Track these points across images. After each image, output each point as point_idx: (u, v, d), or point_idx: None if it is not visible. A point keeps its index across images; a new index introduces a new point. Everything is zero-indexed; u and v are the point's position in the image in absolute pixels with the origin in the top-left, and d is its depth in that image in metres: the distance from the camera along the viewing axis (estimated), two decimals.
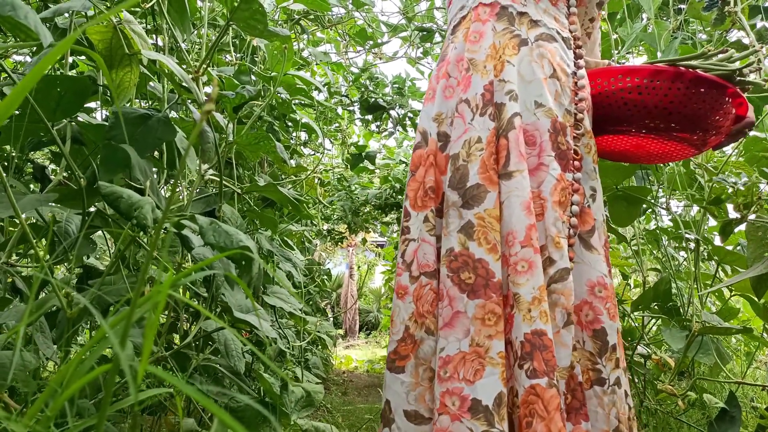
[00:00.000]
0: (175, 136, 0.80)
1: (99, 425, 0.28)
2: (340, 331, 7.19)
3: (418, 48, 2.77)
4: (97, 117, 1.02)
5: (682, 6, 1.64)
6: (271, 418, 0.23)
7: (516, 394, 0.75)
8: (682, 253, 1.77)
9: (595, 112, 0.96)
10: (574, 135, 0.88)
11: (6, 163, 0.92)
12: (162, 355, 0.89)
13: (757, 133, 1.44)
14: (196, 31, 1.18)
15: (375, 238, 7.25)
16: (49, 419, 0.30)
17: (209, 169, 0.96)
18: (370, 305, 8.99)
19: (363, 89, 2.86)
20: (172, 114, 1.19)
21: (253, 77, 1.27)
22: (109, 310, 0.79)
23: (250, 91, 0.99)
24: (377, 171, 3.61)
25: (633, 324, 1.66)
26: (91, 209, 0.81)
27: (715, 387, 1.95)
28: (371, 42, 2.66)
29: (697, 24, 1.63)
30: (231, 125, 1.02)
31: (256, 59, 1.48)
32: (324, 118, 2.51)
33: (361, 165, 3.02)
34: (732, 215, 1.28)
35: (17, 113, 0.70)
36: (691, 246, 1.52)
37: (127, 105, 0.90)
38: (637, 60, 1.98)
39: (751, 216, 1.16)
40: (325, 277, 3.29)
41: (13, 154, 0.86)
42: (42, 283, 0.85)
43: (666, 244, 1.66)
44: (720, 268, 1.47)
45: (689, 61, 0.90)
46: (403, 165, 3.42)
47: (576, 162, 0.87)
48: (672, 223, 1.66)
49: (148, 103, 1.12)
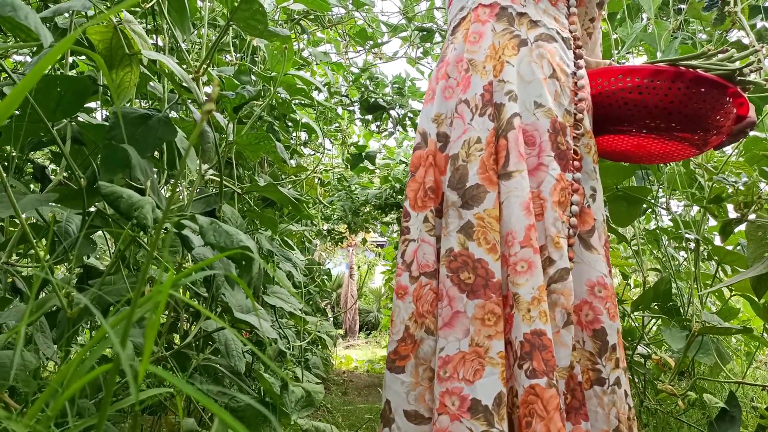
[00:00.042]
0: (175, 136, 0.80)
1: (99, 425, 0.28)
2: (340, 331, 7.18)
3: (418, 48, 2.78)
4: (98, 117, 1.02)
5: (682, 6, 1.64)
6: (271, 418, 0.24)
7: (516, 394, 0.75)
8: (682, 253, 1.77)
9: (595, 112, 0.95)
10: (574, 135, 0.88)
11: (6, 163, 0.92)
12: (162, 355, 0.89)
13: (757, 133, 1.44)
14: (196, 31, 1.18)
15: (375, 238, 7.25)
16: (49, 419, 0.30)
17: (209, 169, 0.96)
18: (370, 305, 8.98)
19: (363, 89, 2.86)
20: (173, 114, 1.19)
21: (253, 77, 1.27)
22: (110, 310, 0.79)
23: (250, 91, 0.99)
24: (377, 171, 3.61)
25: (633, 324, 1.66)
26: (91, 209, 0.81)
27: (715, 387, 1.95)
28: (371, 42, 2.66)
29: (697, 24, 1.63)
30: (231, 125, 1.02)
31: (256, 59, 1.48)
32: (324, 118, 2.51)
33: (361, 165, 3.02)
34: (732, 215, 1.28)
35: (17, 113, 0.70)
36: (691, 246, 1.52)
37: (127, 105, 0.90)
38: (637, 60, 1.98)
39: (751, 216, 1.16)
40: (325, 277, 3.28)
41: (14, 154, 0.86)
42: (42, 283, 0.85)
43: (666, 244, 1.66)
44: (720, 268, 1.47)
45: (690, 61, 0.90)
46: (403, 165, 3.42)
47: (576, 162, 0.87)
48: (672, 223, 1.66)
49: (148, 103, 1.12)
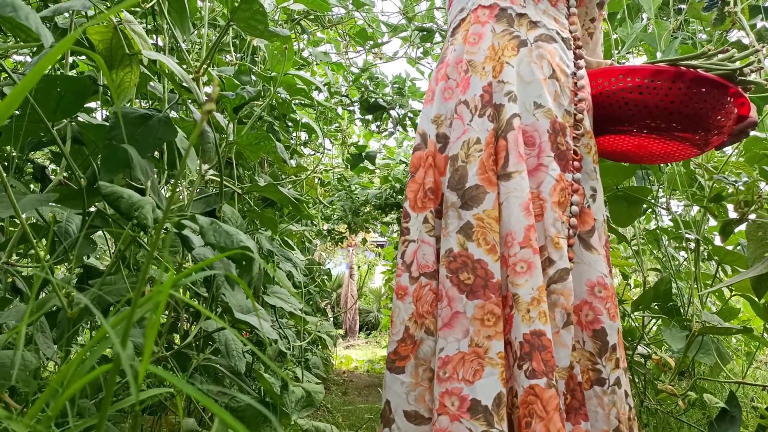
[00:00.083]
0: (175, 136, 0.80)
1: (100, 425, 0.28)
2: (340, 331, 7.19)
3: (418, 48, 2.78)
4: (98, 117, 1.02)
5: (682, 6, 1.64)
6: (271, 418, 0.24)
7: (515, 395, 0.75)
8: (683, 253, 1.77)
9: (596, 112, 0.95)
10: (574, 135, 0.88)
11: (6, 163, 0.92)
12: (163, 355, 0.89)
13: (757, 133, 1.44)
14: (196, 31, 1.18)
15: (375, 238, 7.25)
16: (50, 419, 0.30)
17: (209, 169, 0.96)
18: (370, 305, 8.98)
19: (363, 89, 2.86)
20: (173, 114, 1.19)
21: (253, 77, 1.27)
22: (110, 310, 0.79)
23: (250, 92, 0.99)
24: (377, 171, 3.61)
25: (633, 324, 1.66)
26: (91, 209, 0.81)
27: (715, 387, 1.95)
28: (371, 42, 2.66)
29: (697, 24, 1.63)
30: (231, 125, 1.02)
31: (257, 59, 1.48)
32: (324, 118, 2.51)
33: (361, 165, 3.02)
34: (732, 215, 1.28)
35: (17, 113, 0.70)
36: (692, 246, 1.52)
37: (127, 105, 0.90)
38: (637, 60, 1.98)
39: (751, 216, 1.16)
40: (325, 277, 3.28)
41: (14, 154, 0.86)
42: (42, 283, 0.85)
43: (666, 244, 1.66)
44: (720, 268, 1.47)
45: (690, 61, 0.90)
46: (403, 165, 3.41)
47: (575, 162, 0.87)
48: (672, 223, 1.66)
49: (148, 103, 1.12)
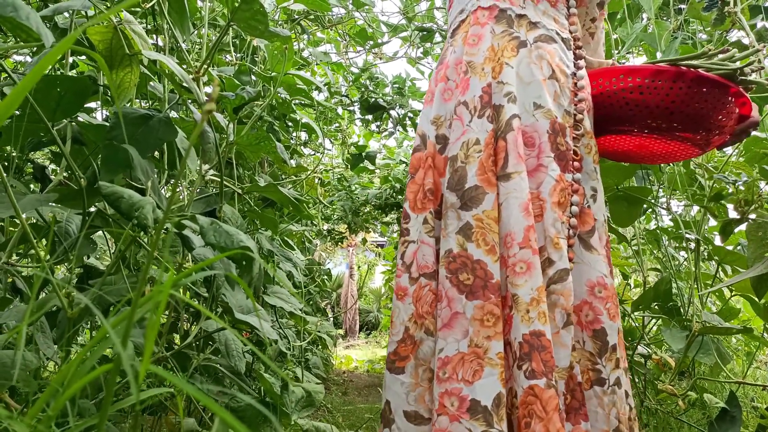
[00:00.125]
0: (176, 136, 0.80)
1: (100, 425, 0.28)
2: (340, 331, 7.18)
3: (418, 48, 2.78)
4: (98, 117, 1.02)
5: (683, 6, 1.64)
6: (272, 418, 0.24)
7: (515, 395, 0.75)
8: (683, 253, 1.77)
9: (596, 112, 0.95)
10: (574, 136, 0.88)
11: (6, 163, 0.92)
12: (163, 355, 0.89)
13: (757, 133, 1.44)
14: (196, 32, 1.18)
15: (375, 238, 7.25)
16: (50, 419, 0.30)
17: (210, 169, 0.96)
18: (370, 305, 8.98)
19: (363, 89, 2.86)
20: (173, 114, 1.19)
21: (253, 77, 1.27)
22: (110, 310, 0.79)
23: (250, 92, 0.99)
24: (377, 171, 3.61)
25: (633, 324, 1.66)
26: (91, 209, 0.81)
27: (715, 387, 1.95)
28: (371, 42, 2.66)
29: (697, 24, 1.63)
30: (231, 125, 1.02)
31: (257, 59, 1.48)
32: (324, 118, 2.51)
33: (361, 165, 3.02)
34: (732, 215, 1.27)
35: (17, 113, 0.70)
36: (692, 246, 1.52)
37: (127, 105, 0.90)
38: (637, 60, 1.98)
39: (752, 215, 1.16)
40: (325, 277, 3.28)
41: (14, 154, 0.86)
42: (42, 283, 0.85)
43: (666, 244, 1.66)
44: (720, 268, 1.47)
45: (691, 61, 0.90)
46: (403, 165, 3.41)
47: (575, 162, 0.87)
48: (672, 223, 1.66)
49: (148, 103, 1.12)
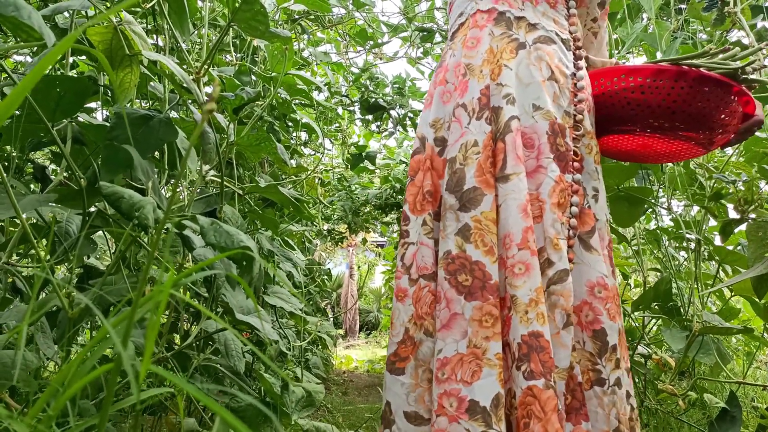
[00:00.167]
0: (176, 136, 0.80)
1: (101, 425, 0.28)
2: (341, 331, 7.18)
3: (418, 48, 2.78)
4: (98, 117, 1.02)
5: (683, 6, 1.64)
6: (272, 417, 0.24)
7: (514, 396, 0.75)
8: (683, 253, 1.77)
9: (598, 112, 0.95)
10: (574, 136, 0.88)
11: (6, 163, 0.92)
12: (163, 355, 0.89)
13: (758, 133, 1.44)
14: (196, 32, 1.18)
15: (375, 238, 7.25)
16: (50, 419, 0.30)
17: (210, 169, 0.96)
18: (370, 305, 8.98)
19: (363, 89, 2.86)
20: (173, 114, 1.19)
21: (253, 77, 1.27)
22: (110, 310, 0.79)
23: (250, 92, 0.99)
24: (377, 171, 3.61)
25: (633, 324, 1.66)
26: (91, 209, 0.81)
27: (715, 387, 1.94)
28: (371, 42, 2.66)
29: (697, 24, 1.63)
30: (232, 126, 1.02)
31: (257, 59, 1.48)
32: (324, 118, 2.51)
33: (361, 165, 3.02)
34: (732, 215, 1.27)
35: (17, 113, 0.70)
36: (692, 246, 1.52)
37: (128, 105, 0.90)
38: (638, 60, 1.98)
39: (752, 215, 1.16)
40: (325, 277, 3.28)
41: (14, 154, 0.86)
42: (43, 283, 0.85)
43: (666, 244, 1.66)
44: (721, 268, 1.47)
45: (692, 60, 0.89)
46: (403, 165, 3.41)
47: (576, 163, 0.87)
48: (672, 223, 1.66)
49: (148, 104, 1.12)
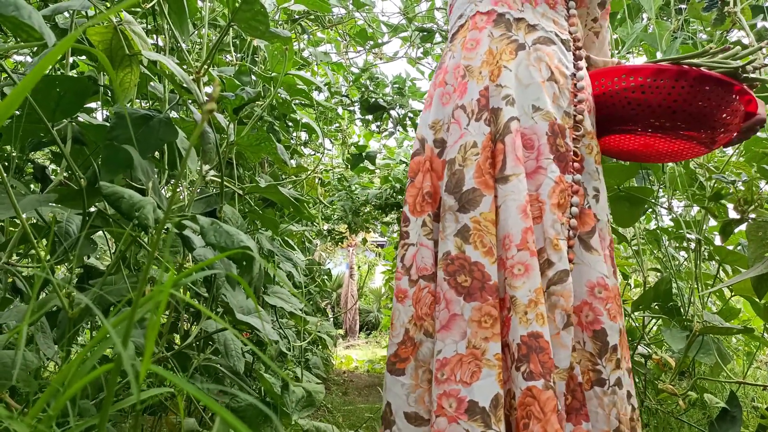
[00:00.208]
0: (176, 136, 0.80)
1: (101, 425, 0.28)
2: (341, 331, 7.18)
3: (418, 48, 2.78)
4: (98, 117, 1.02)
5: (683, 6, 1.64)
6: (273, 417, 0.23)
7: (513, 396, 0.76)
8: (683, 253, 1.77)
9: (599, 112, 0.95)
10: (574, 137, 0.88)
11: (6, 164, 0.92)
12: (163, 355, 0.89)
13: (758, 133, 1.44)
14: (196, 32, 1.18)
15: (375, 238, 7.25)
16: (51, 419, 0.30)
17: (210, 169, 0.96)
18: (370, 305, 8.98)
19: (363, 89, 2.86)
20: (173, 114, 1.19)
21: (253, 78, 1.27)
22: (110, 310, 0.79)
23: (250, 92, 0.99)
24: (377, 171, 3.61)
25: (633, 324, 1.66)
26: (91, 209, 0.81)
27: (715, 387, 1.95)
28: (371, 42, 2.66)
29: (697, 24, 1.62)
30: (232, 126, 1.02)
31: (257, 59, 1.48)
32: (324, 118, 2.51)
33: (361, 165, 3.01)
34: (732, 215, 1.27)
35: (17, 113, 0.70)
36: (692, 246, 1.52)
37: (128, 105, 0.90)
38: (638, 60, 1.98)
39: (752, 215, 1.16)
40: (325, 277, 3.28)
41: (14, 154, 0.86)
42: (43, 283, 0.85)
43: (666, 244, 1.66)
44: (721, 268, 1.46)
45: (693, 59, 0.89)
46: (403, 165, 3.41)
47: (576, 163, 0.87)
48: (672, 223, 1.66)
49: (149, 104, 1.12)
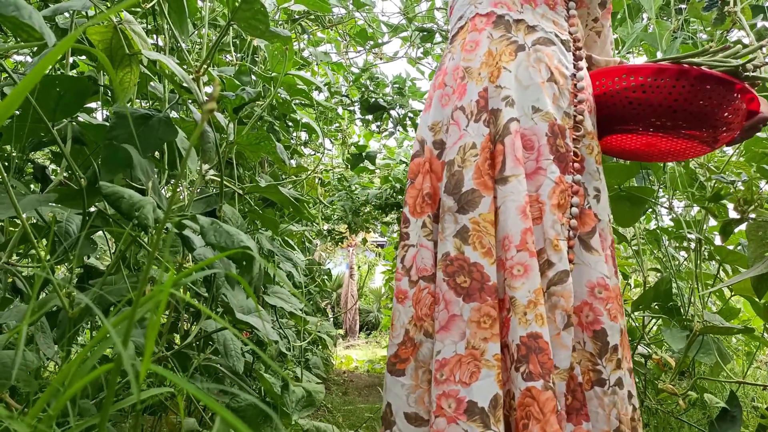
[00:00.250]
0: (176, 136, 0.80)
1: (101, 425, 0.28)
2: (341, 331, 7.18)
3: (418, 48, 2.78)
4: (98, 117, 1.02)
5: (683, 6, 1.64)
6: (273, 416, 0.23)
7: (513, 397, 0.76)
8: (683, 253, 1.77)
9: (600, 111, 0.95)
10: (574, 137, 0.88)
11: (6, 163, 0.92)
12: (163, 355, 0.89)
13: (759, 133, 1.44)
14: (196, 32, 1.18)
15: (375, 238, 7.25)
16: (51, 419, 0.30)
17: (210, 169, 0.96)
18: (370, 305, 8.98)
19: (363, 89, 2.86)
20: (173, 114, 1.19)
21: (253, 77, 1.27)
22: (110, 310, 0.79)
23: (250, 93, 0.99)
24: (377, 171, 3.61)
25: (633, 324, 1.66)
26: (91, 209, 0.81)
27: (715, 387, 1.95)
28: (371, 42, 2.66)
29: (697, 24, 1.62)
30: (232, 125, 1.02)
31: (257, 59, 1.48)
32: (324, 118, 2.51)
33: (361, 165, 3.01)
34: (732, 215, 1.27)
35: (17, 113, 0.70)
36: (692, 246, 1.52)
37: (127, 105, 0.90)
38: (638, 60, 1.98)
39: (752, 215, 1.16)
40: (325, 277, 3.28)
41: (14, 154, 0.86)
42: (43, 283, 0.85)
43: (666, 244, 1.66)
44: (721, 268, 1.46)
45: (693, 58, 0.89)
46: (404, 165, 3.41)
47: (576, 164, 0.87)
48: (672, 223, 1.66)
49: (148, 104, 1.12)
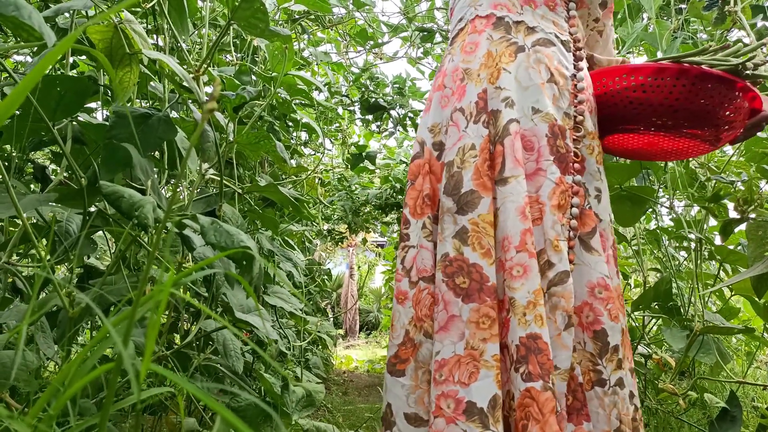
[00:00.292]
0: (176, 135, 0.80)
1: (101, 424, 0.28)
2: (341, 331, 7.18)
3: (418, 48, 2.78)
4: (98, 117, 1.02)
5: (683, 6, 1.64)
6: (274, 416, 0.23)
7: (512, 398, 0.76)
8: (683, 253, 1.77)
9: (601, 111, 0.95)
10: (574, 137, 0.88)
11: (7, 163, 0.92)
12: (163, 354, 0.89)
13: (759, 133, 1.44)
14: (196, 31, 1.18)
15: (375, 238, 7.25)
16: (51, 418, 0.30)
17: (210, 168, 0.96)
18: (370, 305, 8.98)
19: (363, 89, 2.86)
20: (173, 114, 1.19)
21: (253, 77, 1.27)
22: (110, 309, 0.79)
23: (251, 92, 0.99)
24: (377, 171, 3.61)
25: (633, 324, 1.66)
26: (91, 209, 0.81)
27: (715, 386, 1.95)
28: (372, 42, 2.66)
29: (698, 24, 1.62)
30: (232, 125, 1.02)
31: (257, 59, 1.48)
32: (324, 118, 2.51)
33: (361, 165, 3.01)
34: (732, 215, 1.27)
35: (18, 113, 0.70)
36: (692, 246, 1.52)
37: (127, 104, 0.90)
38: (638, 60, 1.98)
39: (752, 215, 1.16)
40: (325, 277, 3.28)
41: (14, 154, 0.86)
42: (43, 282, 0.85)
43: (666, 244, 1.66)
44: (721, 268, 1.46)
45: (694, 57, 0.89)
46: (404, 165, 3.41)
47: (576, 164, 0.87)
48: (672, 223, 1.66)
49: (148, 103, 1.12)
